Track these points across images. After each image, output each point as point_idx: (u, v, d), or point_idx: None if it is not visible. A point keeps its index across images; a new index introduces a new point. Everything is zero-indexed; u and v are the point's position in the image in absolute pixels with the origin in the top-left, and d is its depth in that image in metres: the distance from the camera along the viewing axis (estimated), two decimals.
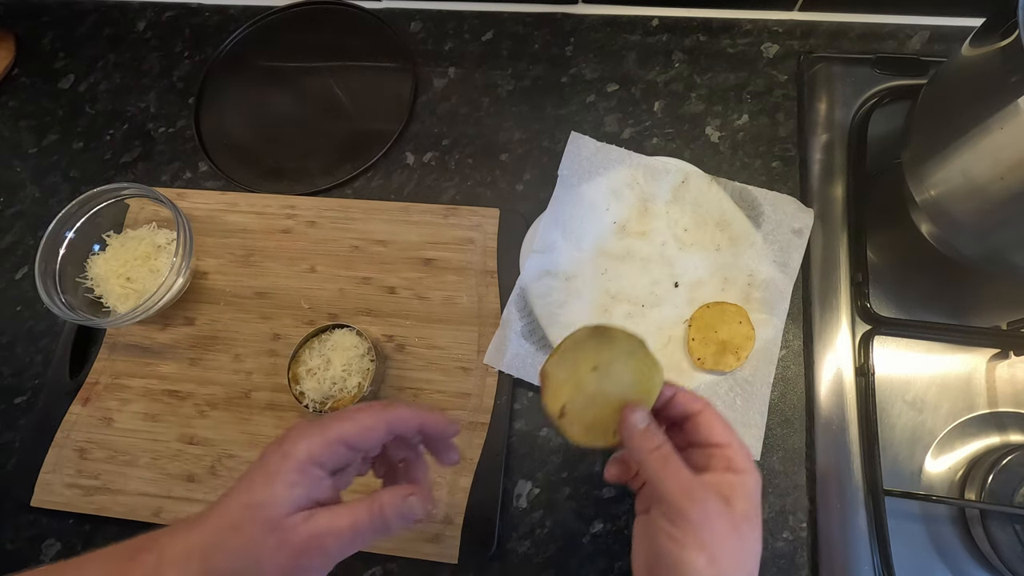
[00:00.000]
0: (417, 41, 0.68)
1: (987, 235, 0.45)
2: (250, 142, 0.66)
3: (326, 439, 0.32)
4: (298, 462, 0.31)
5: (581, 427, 0.37)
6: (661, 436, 0.34)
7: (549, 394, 0.37)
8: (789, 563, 0.48)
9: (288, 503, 0.31)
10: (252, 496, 0.31)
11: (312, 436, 0.32)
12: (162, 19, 0.73)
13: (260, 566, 0.30)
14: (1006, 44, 0.38)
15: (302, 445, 0.32)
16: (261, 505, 0.30)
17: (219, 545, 0.30)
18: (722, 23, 0.65)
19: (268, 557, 0.30)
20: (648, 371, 0.37)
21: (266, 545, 0.30)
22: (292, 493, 0.31)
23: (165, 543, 0.31)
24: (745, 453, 0.34)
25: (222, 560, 0.30)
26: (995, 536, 0.45)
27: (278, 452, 0.32)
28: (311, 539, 0.30)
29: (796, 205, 0.55)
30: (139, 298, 0.54)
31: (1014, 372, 0.50)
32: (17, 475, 0.54)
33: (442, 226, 0.58)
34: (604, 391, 0.37)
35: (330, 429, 0.32)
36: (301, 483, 0.31)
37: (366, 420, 0.33)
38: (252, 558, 0.30)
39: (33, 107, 0.70)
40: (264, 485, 0.31)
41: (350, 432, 0.33)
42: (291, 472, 0.31)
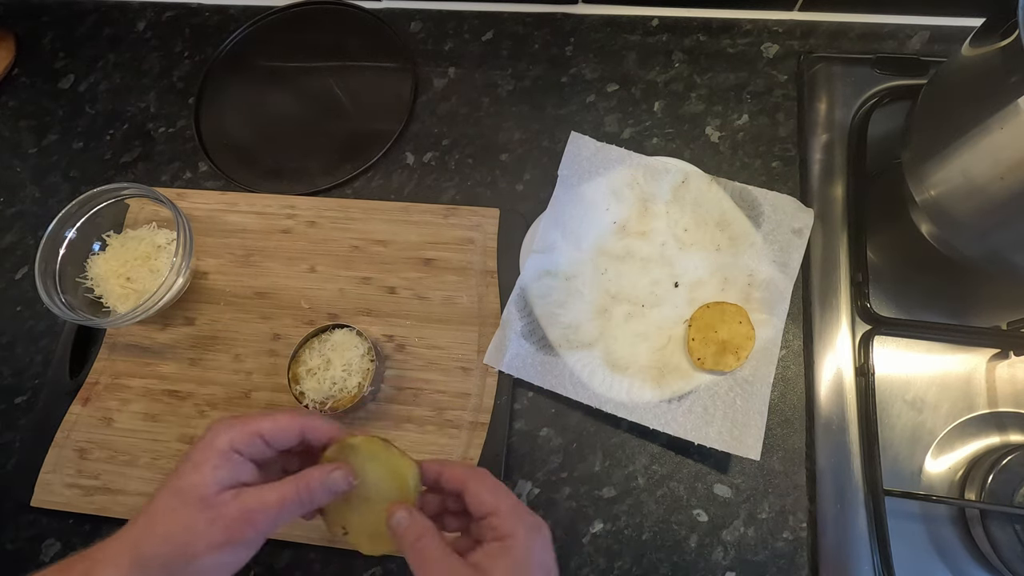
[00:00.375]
0: (417, 41, 0.68)
1: (987, 235, 0.45)
2: (250, 142, 0.66)
3: (245, 431, 0.35)
4: (221, 450, 0.34)
5: (366, 539, 0.38)
6: (421, 528, 0.35)
7: (328, 519, 0.38)
8: (789, 563, 0.48)
9: (215, 483, 0.33)
10: (180, 482, 0.33)
11: (233, 428, 0.35)
12: (162, 19, 0.73)
13: (192, 544, 0.32)
14: (1006, 44, 0.38)
15: (224, 436, 0.34)
16: (191, 487, 0.33)
17: (148, 533, 0.33)
18: (722, 23, 0.65)
19: (201, 533, 0.32)
20: (397, 467, 0.37)
21: (198, 522, 0.32)
22: (218, 475, 0.34)
23: (96, 549, 0.33)
24: (513, 514, 0.35)
25: (151, 547, 0.33)
26: (995, 536, 0.45)
27: (202, 444, 0.35)
28: (242, 514, 0.33)
29: (796, 205, 0.55)
30: (139, 298, 0.54)
31: (1014, 372, 0.50)
32: (17, 475, 0.54)
33: (442, 226, 0.58)
34: (368, 500, 0.37)
35: (250, 423, 0.35)
36: (225, 467, 0.34)
37: (283, 421, 0.36)
38: (183, 538, 0.32)
39: (33, 107, 0.70)
40: (191, 472, 0.34)
41: (267, 428, 0.35)
42: (215, 458, 0.34)
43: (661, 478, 0.51)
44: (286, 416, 0.36)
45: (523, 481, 0.51)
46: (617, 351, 0.53)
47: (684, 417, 0.50)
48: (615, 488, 0.51)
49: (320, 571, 0.50)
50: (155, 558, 0.32)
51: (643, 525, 0.50)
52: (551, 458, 0.52)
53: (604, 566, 0.49)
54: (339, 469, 0.36)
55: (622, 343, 0.53)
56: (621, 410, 0.50)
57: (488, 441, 0.51)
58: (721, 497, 0.50)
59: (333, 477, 0.36)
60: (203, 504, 0.33)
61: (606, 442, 0.52)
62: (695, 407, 0.50)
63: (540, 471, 0.52)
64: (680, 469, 0.51)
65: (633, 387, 0.51)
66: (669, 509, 0.50)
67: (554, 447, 0.52)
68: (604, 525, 0.50)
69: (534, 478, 0.51)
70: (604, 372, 0.52)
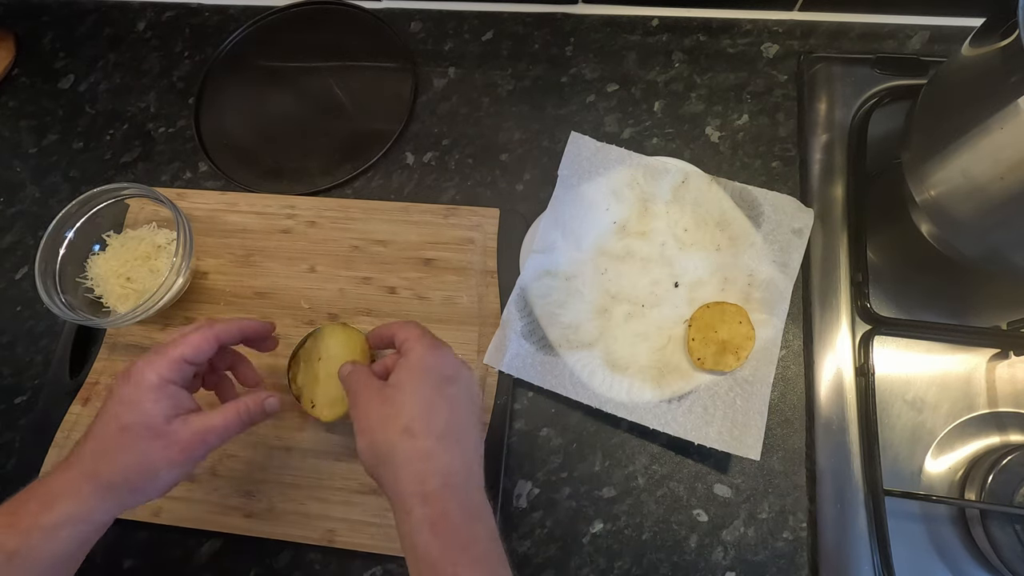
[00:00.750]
0: (417, 41, 0.68)
1: (987, 235, 0.45)
2: (250, 142, 0.66)
3: (170, 360, 0.39)
4: (152, 384, 0.38)
5: (328, 408, 0.48)
6: (356, 368, 0.43)
7: (304, 400, 0.48)
8: (789, 563, 0.48)
9: (161, 415, 0.38)
10: (123, 421, 0.37)
11: (157, 361, 0.38)
12: (162, 19, 0.73)
13: (154, 465, 0.37)
14: (1006, 44, 0.38)
15: (150, 371, 0.38)
16: (138, 424, 0.37)
17: (107, 464, 0.37)
18: (722, 23, 0.65)
19: (158, 456, 0.37)
20: (351, 340, 0.48)
21: (155, 449, 0.37)
22: (160, 407, 0.38)
23: (43, 483, 0.37)
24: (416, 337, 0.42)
25: (114, 475, 0.37)
26: (995, 536, 0.45)
27: (129, 384, 0.38)
28: (194, 436, 0.38)
29: (796, 205, 0.55)
30: (139, 298, 0.54)
31: (1014, 372, 0.50)
32: (17, 475, 0.54)
33: (442, 226, 0.58)
34: (331, 375, 0.47)
35: (170, 352, 0.39)
36: (163, 399, 0.38)
37: (197, 339, 0.40)
38: (144, 464, 0.37)
39: (33, 107, 0.70)
40: (132, 410, 0.37)
41: (187, 351, 0.40)
42: (150, 393, 0.38)
43: (661, 478, 0.51)
44: (197, 334, 0.41)
45: (523, 481, 0.51)
46: (617, 351, 0.53)
47: (684, 417, 0.50)
48: (615, 488, 0.51)
49: (320, 571, 0.50)
50: (119, 481, 0.37)
51: (643, 525, 0.50)
52: (551, 458, 0.52)
53: (604, 566, 0.49)
54: (272, 396, 0.42)
55: (622, 343, 0.53)
56: (621, 410, 0.50)
57: (488, 441, 0.51)
58: (721, 497, 0.50)
59: (269, 402, 0.42)
60: (154, 434, 0.37)
61: (606, 442, 0.52)
62: (695, 407, 0.50)
63: (540, 471, 0.52)
64: (680, 469, 0.51)
65: (633, 387, 0.51)
66: (669, 509, 0.50)
67: (554, 447, 0.52)
68: (604, 525, 0.50)
69: (534, 478, 0.52)
70: (604, 372, 0.52)
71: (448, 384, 0.40)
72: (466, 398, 0.41)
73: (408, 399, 0.39)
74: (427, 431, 0.38)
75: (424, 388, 0.39)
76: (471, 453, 0.39)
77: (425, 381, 0.40)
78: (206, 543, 0.52)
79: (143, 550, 0.52)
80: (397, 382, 0.40)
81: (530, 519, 0.50)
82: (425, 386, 0.39)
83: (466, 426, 0.40)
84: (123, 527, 0.52)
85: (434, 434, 0.38)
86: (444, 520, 0.36)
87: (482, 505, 0.38)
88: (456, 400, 0.40)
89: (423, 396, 0.39)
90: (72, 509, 0.36)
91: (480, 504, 0.38)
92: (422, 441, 0.37)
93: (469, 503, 0.37)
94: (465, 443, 0.39)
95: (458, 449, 0.38)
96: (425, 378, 0.40)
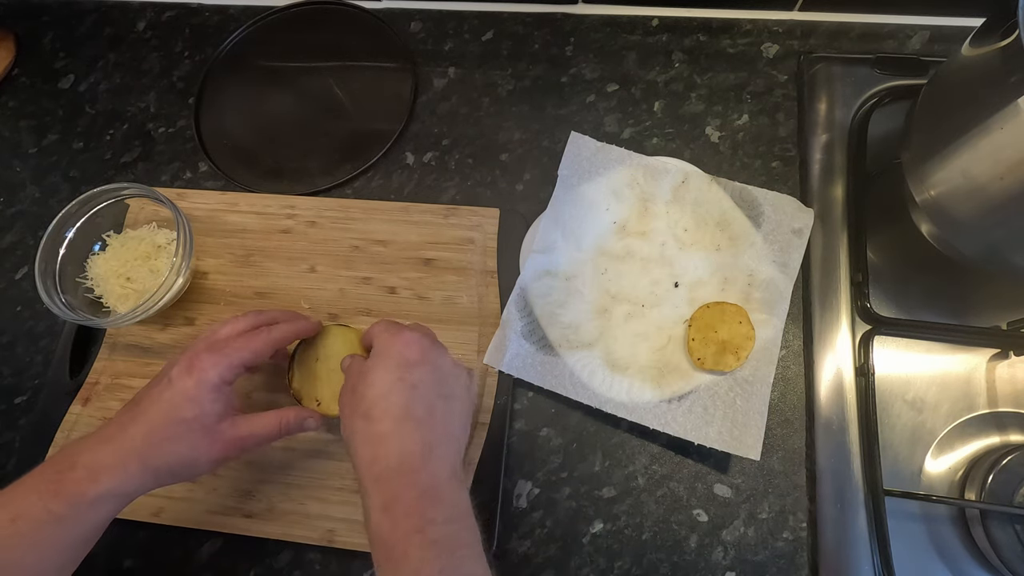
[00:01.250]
0: (417, 41, 0.68)
1: (987, 235, 0.45)
2: (250, 142, 0.66)
3: (231, 365, 0.42)
4: (213, 384, 0.41)
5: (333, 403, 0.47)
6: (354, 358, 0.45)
7: (304, 400, 0.48)
8: (789, 563, 0.48)
9: (214, 415, 0.41)
10: (182, 414, 0.40)
11: (221, 364, 0.41)
12: (162, 19, 0.73)
13: (196, 458, 0.41)
14: (1006, 44, 0.38)
15: (213, 372, 0.41)
16: (194, 419, 0.40)
17: (157, 450, 0.40)
18: (722, 23, 0.65)
19: (204, 451, 0.41)
20: (350, 339, 0.50)
21: (202, 444, 0.41)
22: (215, 408, 0.41)
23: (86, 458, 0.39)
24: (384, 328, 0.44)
25: (160, 459, 0.40)
26: (995, 536, 0.45)
27: (191, 379, 0.41)
28: (236, 439, 0.42)
29: (796, 205, 0.55)
30: (139, 298, 0.54)
31: (1014, 372, 0.50)
32: (17, 475, 0.53)
33: (442, 226, 0.58)
34: (332, 371, 0.48)
35: (233, 357, 0.42)
36: (219, 400, 0.41)
37: (259, 347, 0.43)
38: (190, 456, 0.40)
39: (33, 107, 0.70)
40: (192, 406, 0.40)
41: (248, 359, 0.43)
42: (210, 392, 0.41)
43: (661, 478, 0.51)
44: (258, 341, 0.43)
45: (523, 481, 0.51)
46: (617, 351, 0.53)
47: (684, 417, 0.50)
48: (615, 488, 0.51)
49: (320, 571, 0.50)
50: (164, 466, 0.40)
51: (643, 525, 0.50)
52: (551, 458, 0.52)
53: (604, 566, 0.49)
54: (312, 418, 0.46)
55: (622, 343, 0.53)
56: (621, 410, 0.50)
57: (488, 441, 0.51)
58: (721, 497, 0.50)
59: (308, 423, 0.46)
60: (205, 432, 0.41)
61: (606, 442, 0.52)
62: (695, 407, 0.50)
63: (540, 471, 0.52)
64: (680, 469, 0.51)
65: (633, 387, 0.51)
66: (669, 509, 0.50)
67: (554, 447, 0.52)
68: (604, 525, 0.50)
69: (534, 478, 0.52)
70: (604, 372, 0.52)
71: (411, 368, 0.41)
72: (432, 380, 0.41)
73: (368, 386, 0.40)
74: (383, 415, 0.39)
75: (382, 373, 0.41)
76: (434, 434, 0.40)
77: (384, 367, 0.41)
78: (206, 543, 0.52)
79: (143, 550, 0.52)
80: (363, 370, 0.42)
81: (530, 519, 0.50)
82: (384, 371, 0.41)
83: (430, 408, 0.40)
84: (123, 527, 0.52)
85: (390, 417, 0.39)
86: (396, 502, 0.37)
87: (445, 485, 0.38)
88: (419, 383, 0.41)
89: (382, 381, 0.40)
90: (117, 485, 0.39)
91: (442, 484, 0.38)
92: (377, 425, 0.39)
93: (426, 484, 0.38)
94: (427, 424, 0.40)
95: (417, 432, 0.39)
96: (384, 364, 0.41)
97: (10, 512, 0.37)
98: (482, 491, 0.49)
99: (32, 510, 0.37)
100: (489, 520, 0.49)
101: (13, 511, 0.37)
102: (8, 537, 0.37)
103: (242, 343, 0.43)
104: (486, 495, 0.49)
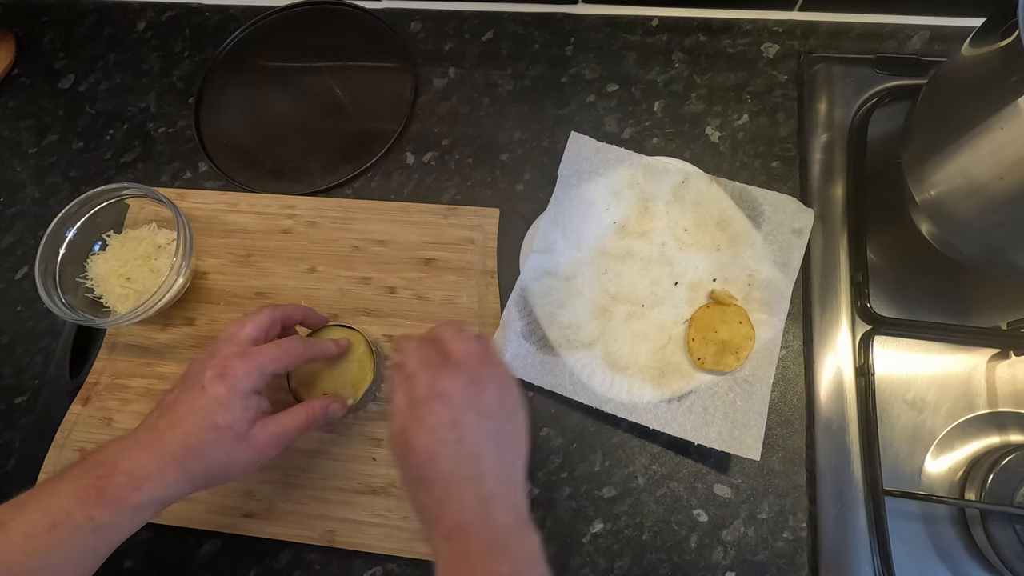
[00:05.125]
0: (417, 41, 0.68)
1: (987, 235, 0.45)
2: (250, 142, 0.66)
3: (262, 374, 0.42)
4: (245, 393, 0.41)
5: None
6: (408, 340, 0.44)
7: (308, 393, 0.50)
8: (789, 563, 0.48)
9: (246, 420, 0.41)
10: (217, 421, 0.40)
11: (252, 373, 0.42)
12: (162, 19, 0.73)
13: (232, 464, 0.41)
14: (1006, 44, 0.38)
15: (245, 381, 0.41)
16: (227, 426, 0.40)
17: (194, 456, 0.40)
18: (722, 23, 0.65)
19: (239, 456, 0.41)
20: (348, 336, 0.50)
21: (237, 450, 0.41)
22: (248, 415, 0.41)
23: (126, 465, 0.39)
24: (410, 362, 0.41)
25: (197, 466, 0.40)
26: (995, 536, 0.45)
27: (224, 386, 0.41)
28: (269, 440, 0.42)
29: (796, 205, 0.55)
30: (139, 298, 0.54)
31: (1014, 372, 0.50)
32: (17, 475, 0.54)
33: (442, 226, 0.58)
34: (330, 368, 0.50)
35: (266, 367, 0.42)
36: (251, 407, 0.42)
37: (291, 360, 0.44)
38: (225, 462, 0.41)
39: (33, 107, 0.70)
40: (226, 413, 0.40)
41: (279, 368, 0.43)
42: (241, 400, 0.41)
43: (661, 478, 0.51)
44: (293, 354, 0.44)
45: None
46: (617, 351, 0.53)
47: (684, 417, 0.50)
48: (615, 488, 0.51)
49: (320, 571, 0.50)
50: (201, 472, 0.40)
51: (643, 525, 0.50)
52: (551, 458, 0.52)
53: (604, 566, 0.49)
54: (335, 403, 0.47)
55: (622, 343, 0.53)
56: (621, 410, 0.51)
57: None
58: (721, 497, 0.50)
59: (333, 408, 0.47)
60: (239, 438, 0.41)
61: (606, 442, 0.52)
62: (695, 407, 0.50)
63: (540, 471, 0.52)
64: (680, 469, 0.51)
65: (633, 387, 0.51)
66: (669, 509, 0.50)
67: (554, 447, 0.52)
68: (604, 525, 0.50)
69: (534, 478, 0.51)
70: (604, 372, 0.52)
71: (454, 423, 0.38)
72: (478, 424, 0.38)
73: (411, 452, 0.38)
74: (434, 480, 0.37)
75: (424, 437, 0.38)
76: (488, 484, 0.37)
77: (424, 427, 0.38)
78: (206, 543, 0.52)
79: (143, 550, 0.52)
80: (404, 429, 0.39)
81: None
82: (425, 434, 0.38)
83: (478, 458, 0.37)
84: None
85: (441, 482, 0.37)
86: (463, 560, 0.35)
87: (510, 536, 0.36)
88: (464, 437, 0.38)
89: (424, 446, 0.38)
90: (158, 492, 0.39)
91: (507, 535, 0.36)
92: (430, 491, 0.37)
93: (490, 540, 0.36)
94: (480, 477, 0.37)
95: (470, 489, 0.36)
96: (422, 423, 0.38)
97: (49, 518, 0.37)
98: None
99: (74, 516, 0.37)
100: None
101: (52, 517, 0.37)
102: (47, 543, 0.37)
103: (276, 354, 0.43)
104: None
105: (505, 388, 0.41)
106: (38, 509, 0.37)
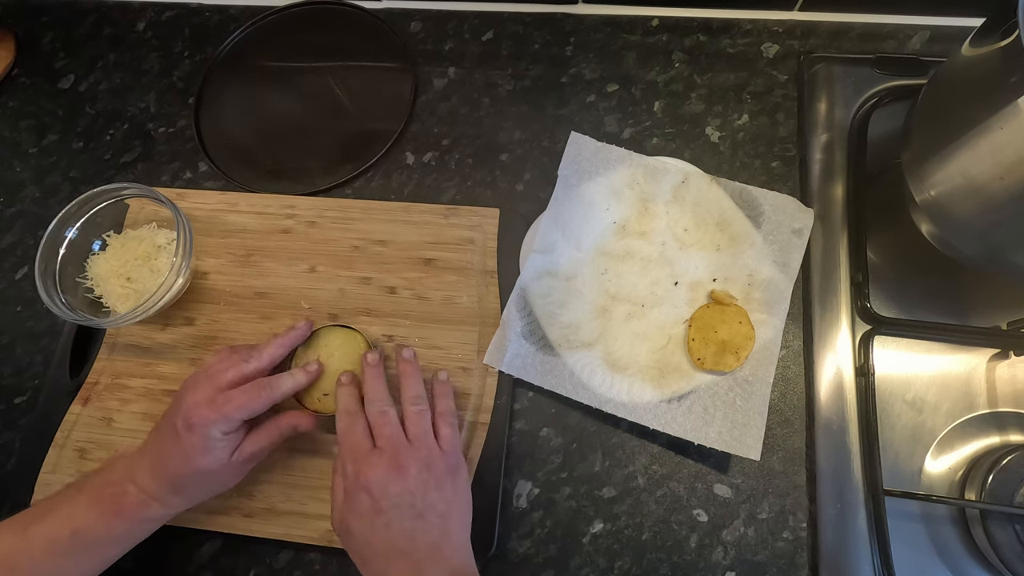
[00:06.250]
0: (417, 41, 0.68)
1: (987, 235, 0.45)
2: (250, 142, 0.66)
3: (230, 421, 0.45)
4: (215, 438, 0.45)
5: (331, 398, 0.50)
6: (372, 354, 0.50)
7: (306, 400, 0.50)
8: (789, 563, 0.48)
9: (226, 455, 0.46)
10: (198, 464, 0.45)
11: (218, 421, 0.45)
12: (162, 19, 0.73)
13: (220, 485, 0.48)
14: (1006, 44, 0.38)
15: (214, 428, 0.44)
16: (209, 466, 0.45)
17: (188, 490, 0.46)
18: (722, 23, 0.65)
19: (224, 481, 0.48)
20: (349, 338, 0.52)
21: (222, 477, 0.47)
22: (224, 453, 0.46)
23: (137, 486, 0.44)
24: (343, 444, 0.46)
25: (192, 495, 0.47)
26: (995, 536, 0.45)
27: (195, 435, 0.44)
28: (247, 460, 0.47)
29: (796, 205, 0.55)
30: (139, 298, 0.54)
31: (1014, 372, 0.50)
32: (17, 475, 0.54)
33: (442, 226, 0.58)
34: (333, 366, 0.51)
35: (231, 416, 0.45)
36: (227, 445, 0.46)
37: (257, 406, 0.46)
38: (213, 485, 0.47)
39: (33, 107, 0.70)
40: (205, 457, 0.45)
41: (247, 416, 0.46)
42: (217, 443, 0.45)
43: (661, 478, 0.51)
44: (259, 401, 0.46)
45: (523, 481, 0.51)
46: (617, 351, 0.53)
47: (684, 417, 0.50)
48: (615, 488, 0.51)
49: (320, 571, 0.50)
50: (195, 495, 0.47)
51: (643, 525, 0.50)
52: (551, 458, 0.52)
53: (604, 566, 0.49)
54: (302, 421, 0.49)
55: (622, 343, 0.53)
56: (621, 410, 0.51)
57: (488, 441, 0.51)
58: (721, 497, 0.50)
59: (302, 423, 0.49)
60: (223, 468, 0.46)
61: (606, 442, 0.52)
62: (695, 407, 0.50)
63: (540, 471, 0.52)
64: (680, 469, 0.51)
65: (633, 387, 0.51)
66: (669, 509, 0.50)
67: (554, 447, 0.52)
68: (604, 525, 0.50)
69: (534, 478, 0.52)
70: (604, 372, 0.52)
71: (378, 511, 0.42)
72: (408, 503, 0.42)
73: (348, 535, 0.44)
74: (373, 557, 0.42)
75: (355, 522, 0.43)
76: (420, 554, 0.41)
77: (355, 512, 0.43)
78: (206, 543, 0.52)
79: (143, 550, 0.51)
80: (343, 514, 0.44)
81: (530, 519, 0.50)
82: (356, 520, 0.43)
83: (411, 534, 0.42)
84: None
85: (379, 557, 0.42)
86: None
87: None
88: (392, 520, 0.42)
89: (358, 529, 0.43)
90: (164, 512, 0.46)
91: None
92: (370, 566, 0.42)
93: None
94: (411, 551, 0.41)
95: (404, 561, 0.41)
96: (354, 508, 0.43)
97: (69, 526, 0.43)
98: (482, 491, 0.49)
99: (95, 527, 0.43)
100: (489, 520, 0.49)
101: (72, 525, 0.43)
102: (70, 548, 0.43)
103: (244, 401, 0.45)
104: (486, 495, 0.49)
105: (429, 464, 0.44)
106: (57, 518, 0.43)
